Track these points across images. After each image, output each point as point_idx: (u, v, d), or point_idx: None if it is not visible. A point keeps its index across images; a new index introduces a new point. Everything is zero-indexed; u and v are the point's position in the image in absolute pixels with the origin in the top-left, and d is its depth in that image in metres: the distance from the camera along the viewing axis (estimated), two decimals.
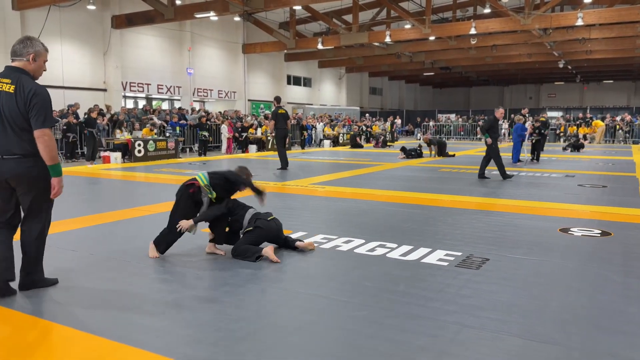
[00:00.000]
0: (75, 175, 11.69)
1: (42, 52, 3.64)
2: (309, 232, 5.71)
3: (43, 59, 3.66)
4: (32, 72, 3.60)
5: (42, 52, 3.64)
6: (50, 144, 3.48)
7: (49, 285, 3.80)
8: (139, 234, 5.74)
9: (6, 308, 3.43)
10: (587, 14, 20.11)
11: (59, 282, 3.89)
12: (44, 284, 3.79)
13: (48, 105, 3.51)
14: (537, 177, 11.52)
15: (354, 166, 14.10)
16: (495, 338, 3.01)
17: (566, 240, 5.46)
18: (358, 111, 37.22)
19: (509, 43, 27.07)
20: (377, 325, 3.20)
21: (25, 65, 3.57)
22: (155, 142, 16.25)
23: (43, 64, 3.68)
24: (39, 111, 3.45)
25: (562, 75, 43.68)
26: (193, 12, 20.61)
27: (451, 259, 4.68)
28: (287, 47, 26.93)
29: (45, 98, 3.51)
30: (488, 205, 7.72)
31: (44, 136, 3.45)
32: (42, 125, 3.46)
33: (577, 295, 3.78)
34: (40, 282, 3.77)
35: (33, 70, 3.60)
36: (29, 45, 3.57)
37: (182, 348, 2.88)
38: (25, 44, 3.57)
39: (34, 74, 3.61)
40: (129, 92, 23.39)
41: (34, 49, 3.58)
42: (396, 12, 24.29)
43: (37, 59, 3.60)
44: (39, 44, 3.63)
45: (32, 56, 3.57)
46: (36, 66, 3.61)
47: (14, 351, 2.88)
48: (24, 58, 3.56)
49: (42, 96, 3.49)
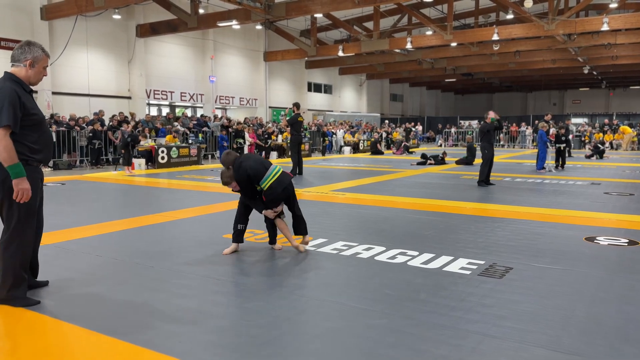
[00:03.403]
0: (100, 181, 11.90)
1: (41, 58, 3.55)
2: (329, 239, 5.71)
3: (42, 64, 3.57)
4: (26, 78, 3.52)
5: (41, 58, 3.55)
6: (1, 145, 3.28)
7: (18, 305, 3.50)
8: (162, 239, 5.81)
9: (29, 310, 3.50)
10: (612, 18, 19.76)
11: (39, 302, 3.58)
12: (11, 302, 3.50)
13: (3, 104, 3.30)
14: (561, 184, 11.32)
15: (374, 173, 14.05)
16: (518, 348, 2.96)
17: (592, 250, 5.35)
18: (379, 118, 37.13)
19: (533, 49, 26.75)
20: (398, 333, 3.18)
21: (19, 71, 3.50)
22: (178, 149, 16.46)
23: (42, 70, 3.59)
24: None
25: (587, 81, 42.97)
26: (216, 20, 20.88)
27: (474, 267, 4.63)
28: (308, 55, 27.07)
29: (2, 97, 3.32)
30: (511, 213, 7.61)
31: None
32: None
33: (603, 305, 3.70)
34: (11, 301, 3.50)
35: (28, 76, 3.52)
36: (27, 52, 3.50)
37: (204, 354, 2.90)
38: (24, 50, 3.51)
39: (27, 80, 3.53)
40: (152, 99, 23.78)
41: (32, 55, 3.50)
42: (417, 19, 24.23)
43: (35, 65, 3.52)
44: (38, 50, 3.54)
45: (29, 62, 3.50)
46: (33, 72, 3.53)
47: (35, 354, 2.94)
48: (20, 64, 3.50)
49: (1, 95, 3.33)
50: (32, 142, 3.49)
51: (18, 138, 3.40)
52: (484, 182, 10.97)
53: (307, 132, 24.43)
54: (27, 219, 3.53)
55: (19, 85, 3.48)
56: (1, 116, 3.29)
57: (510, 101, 53.15)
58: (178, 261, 4.81)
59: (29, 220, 3.54)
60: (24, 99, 3.44)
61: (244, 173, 4.86)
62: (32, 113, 3.49)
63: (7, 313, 3.47)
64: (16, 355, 2.93)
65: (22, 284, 3.57)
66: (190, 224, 6.76)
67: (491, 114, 11.18)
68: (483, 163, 11.03)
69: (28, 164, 3.47)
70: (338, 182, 11.71)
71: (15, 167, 3.33)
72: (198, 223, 6.79)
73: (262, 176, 4.92)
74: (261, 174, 4.92)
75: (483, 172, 11.00)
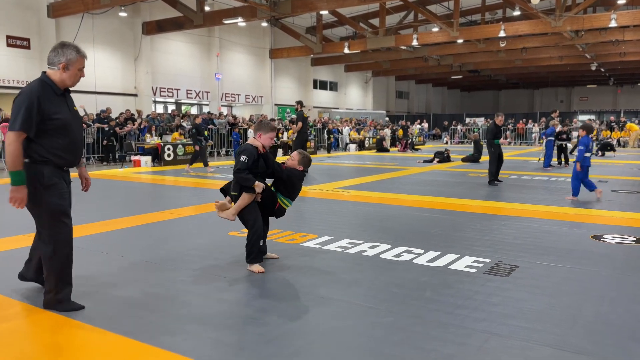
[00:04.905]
0: (107, 178, 11.95)
1: (75, 60, 3.47)
2: (335, 237, 5.71)
3: (77, 66, 3.49)
4: (60, 81, 3.45)
5: (75, 60, 3.47)
6: (8, 149, 3.24)
7: (65, 310, 3.46)
8: (168, 236, 5.83)
9: (36, 307, 3.52)
10: (621, 15, 19.61)
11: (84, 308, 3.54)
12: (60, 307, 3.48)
13: (20, 109, 3.26)
14: (568, 182, 11.23)
15: (380, 170, 14.03)
16: (525, 347, 2.95)
17: (599, 248, 5.32)
18: (384, 115, 37.07)
19: (539, 45, 26.61)
20: (404, 332, 3.17)
21: (53, 74, 3.45)
22: (184, 146, 16.50)
23: (78, 72, 3.51)
24: (12, 114, 3.31)
25: (594, 78, 42.68)
26: (221, 18, 20.91)
27: (480, 265, 4.61)
28: (313, 52, 27.05)
29: (19, 101, 3.29)
30: (518, 211, 7.57)
31: (7, 139, 3.27)
32: (9, 128, 3.28)
33: (611, 304, 3.67)
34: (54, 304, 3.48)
35: (62, 79, 3.45)
36: (60, 54, 3.44)
37: (209, 351, 2.90)
38: (57, 53, 3.45)
39: (62, 83, 3.46)
40: (159, 97, 23.85)
41: (65, 58, 3.43)
42: (423, 16, 24.14)
43: (69, 68, 3.45)
44: (72, 52, 3.47)
45: (62, 65, 3.43)
46: (68, 75, 3.46)
47: (43, 350, 2.95)
48: (55, 67, 3.44)
49: (19, 99, 3.30)
50: (56, 145, 3.40)
51: (40, 141, 3.34)
52: (495, 181, 10.80)
53: (312, 130, 24.43)
54: (59, 221, 3.44)
55: (48, 87, 3.41)
56: (15, 121, 3.25)
57: (517, 98, 52.90)
58: (183, 259, 4.82)
59: (61, 221, 3.45)
60: (46, 104, 3.35)
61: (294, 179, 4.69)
62: (55, 117, 3.37)
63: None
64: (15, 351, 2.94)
65: (65, 287, 3.51)
66: (195, 221, 6.78)
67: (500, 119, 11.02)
68: (491, 161, 10.88)
69: (54, 166, 3.42)
70: (343, 180, 11.70)
71: (16, 175, 3.27)
72: (204, 220, 6.80)
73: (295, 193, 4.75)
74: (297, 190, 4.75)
75: (492, 170, 10.84)
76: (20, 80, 18.17)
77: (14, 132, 3.24)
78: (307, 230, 6.04)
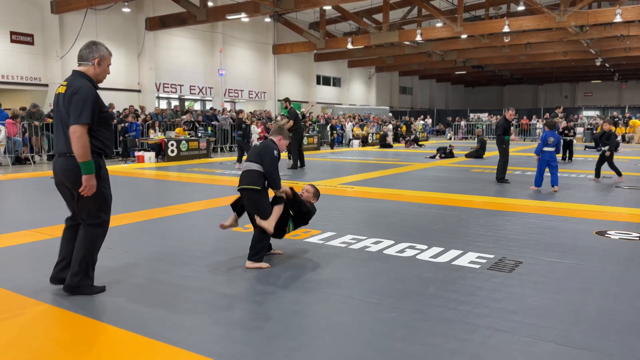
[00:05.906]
0: (111, 174, 11.93)
1: (106, 57, 3.76)
2: (338, 232, 5.72)
3: (107, 62, 3.77)
4: (94, 76, 3.70)
5: (106, 57, 3.76)
6: (79, 141, 3.47)
7: (91, 293, 3.70)
8: (173, 232, 5.85)
9: (41, 302, 3.55)
10: (626, 10, 19.48)
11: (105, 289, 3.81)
12: (85, 291, 3.70)
13: (85, 103, 3.50)
14: (572, 178, 11.24)
15: (383, 166, 14.03)
16: (528, 343, 2.95)
17: (603, 244, 5.31)
18: (387, 111, 37.01)
19: (544, 41, 26.48)
20: (407, 328, 3.18)
21: (87, 69, 3.68)
22: (187, 142, 16.52)
23: (107, 68, 3.79)
24: (75, 108, 3.49)
25: (599, 73, 42.49)
26: (224, 13, 20.88)
27: (483, 261, 4.61)
28: (317, 47, 26.99)
29: (85, 95, 3.51)
30: (521, 207, 7.57)
31: (75, 133, 3.47)
32: (75, 121, 3.48)
33: (614, 300, 3.67)
34: (81, 288, 3.69)
35: (96, 74, 3.71)
36: (94, 50, 3.69)
37: (214, 346, 2.92)
38: (91, 49, 3.69)
39: (96, 77, 3.71)
40: (162, 93, 23.87)
41: (99, 54, 3.70)
42: (427, 11, 24.04)
43: (101, 63, 3.72)
44: (104, 49, 3.75)
45: (97, 60, 3.69)
46: (100, 70, 3.72)
47: (50, 345, 2.98)
48: (89, 62, 3.68)
49: (83, 94, 3.52)
50: (104, 137, 3.71)
51: (94, 134, 3.60)
52: (503, 179, 10.45)
53: (315, 126, 24.42)
54: (106, 211, 3.78)
55: (92, 83, 3.68)
56: (82, 114, 3.49)
57: (521, 94, 52.71)
58: (188, 254, 4.84)
59: (107, 211, 3.79)
60: (98, 99, 3.64)
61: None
62: (104, 110, 3.70)
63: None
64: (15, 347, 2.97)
65: (93, 271, 3.76)
66: (200, 217, 6.80)
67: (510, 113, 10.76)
68: (501, 157, 10.52)
69: (103, 156, 3.73)
70: (347, 176, 11.70)
71: (88, 164, 3.52)
72: (208, 216, 6.82)
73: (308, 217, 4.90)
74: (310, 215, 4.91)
75: (500, 167, 10.48)
76: (24, 76, 18.21)
77: (82, 125, 3.48)
78: (310, 226, 6.04)
